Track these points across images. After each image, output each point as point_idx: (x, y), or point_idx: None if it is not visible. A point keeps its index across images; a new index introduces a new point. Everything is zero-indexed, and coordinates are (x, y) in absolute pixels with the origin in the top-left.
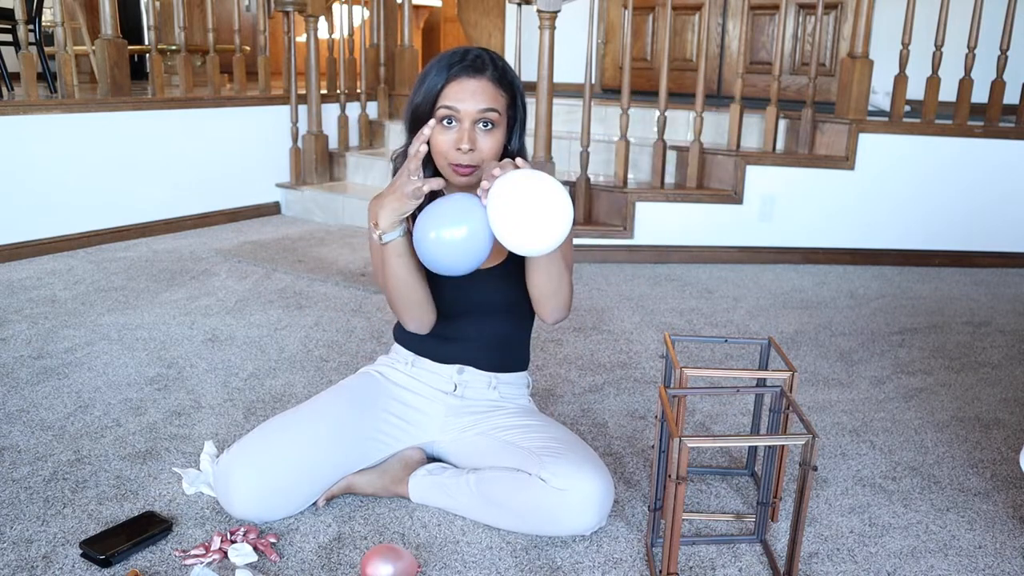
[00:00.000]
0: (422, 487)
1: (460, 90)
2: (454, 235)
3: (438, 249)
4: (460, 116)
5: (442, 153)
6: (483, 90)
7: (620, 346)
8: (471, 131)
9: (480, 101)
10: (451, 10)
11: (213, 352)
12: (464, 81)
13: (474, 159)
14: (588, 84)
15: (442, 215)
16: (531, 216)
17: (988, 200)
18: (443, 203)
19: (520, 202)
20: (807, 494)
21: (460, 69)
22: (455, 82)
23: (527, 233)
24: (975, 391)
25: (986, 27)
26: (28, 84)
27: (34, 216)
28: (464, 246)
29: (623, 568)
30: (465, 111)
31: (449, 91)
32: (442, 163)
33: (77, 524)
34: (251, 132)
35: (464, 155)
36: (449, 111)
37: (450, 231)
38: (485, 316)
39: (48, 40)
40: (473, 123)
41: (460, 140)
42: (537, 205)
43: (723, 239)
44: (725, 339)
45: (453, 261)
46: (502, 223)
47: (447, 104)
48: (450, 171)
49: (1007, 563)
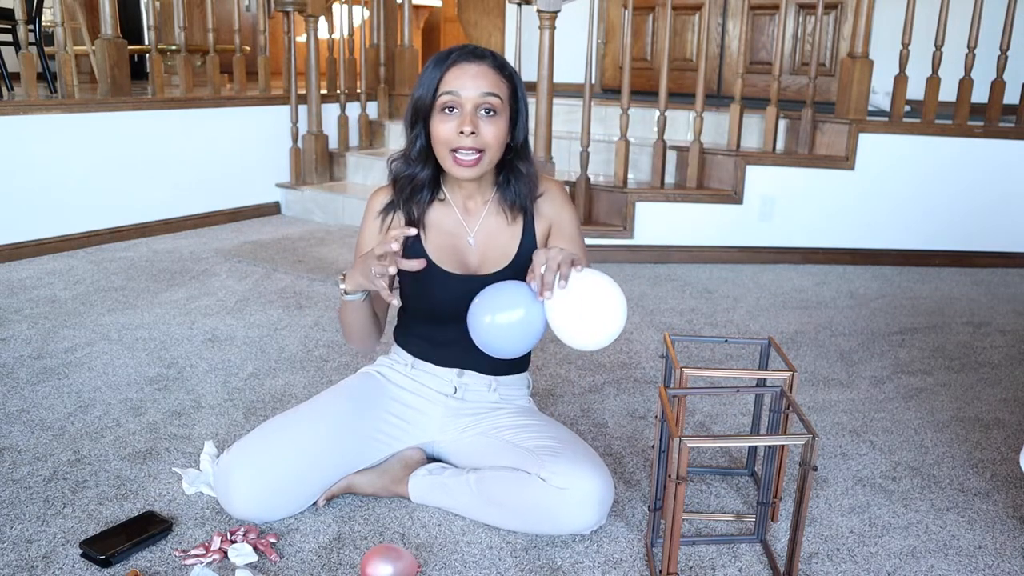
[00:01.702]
0: (422, 487)
1: (461, 74)
2: (510, 318)
3: (493, 332)
4: (462, 101)
5: (444, 141)
6: (484, 74)
7: (620, 346)
8: (473, 115)
9: (481, 85)
10: (451, 10)
11: (213, 352)
12: (464, 66)
13: (477, 143)
14: (588, 84)
15: (497, 301)
16: (595, 324)
17: (988, 200)
18: (498, 290)
19: (585, 312)
20: (807, 494)
21: (460, 55)
22: (455, 67)
23: (590, 337)
24: (975, 391)
25: (986, 27)
26: (28, 84)
27: (34, 216)
28: (518, 330)
29: (623, 568)
30: (467, 96)
31: (449, 77)
32: (444, 153)
33: (77, 524)
34: (251, 132)
35: (467, 138)
36: (451, 97)
37: (505, 315)
38: None
39: (48, 40)
40: (475, 107)
41: (462, 123)
42: (601, 315)
43: (723, 239)
44: (725, 339)
45: (505, 345)
46: (566, 329)
47: (448, 90)
48: (452, 162)
49: (1007, 563)
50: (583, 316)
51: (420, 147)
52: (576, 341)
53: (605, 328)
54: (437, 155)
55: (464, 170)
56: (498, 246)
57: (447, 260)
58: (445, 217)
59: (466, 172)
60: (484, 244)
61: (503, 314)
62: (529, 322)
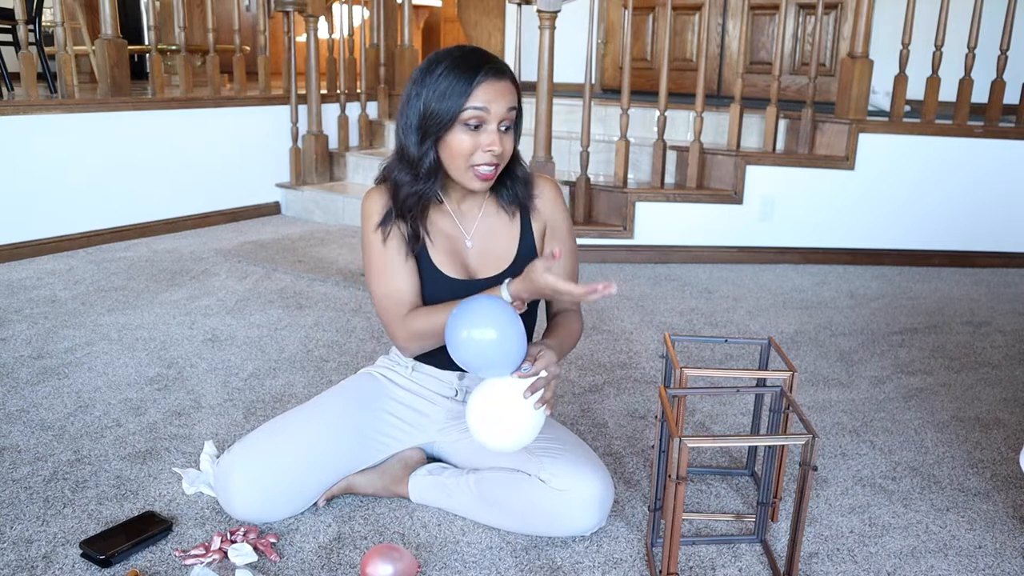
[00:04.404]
0: (422, 487)
1: (491, 91)
2: (485, 336)
3: (470, 348)
4: (490, 118)
5: (464, 156)
6: (509, 91)
7: (620, 346)
8: (498, 132)
9: (508, 102)
10: (451, 10)
11: (213, 352)
12: (494, 83)
13: (499, 159)
14: (588, 84)
15: (474, 315)
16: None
17: (988, 200)
18: (474, 304)
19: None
20: (807, 494)
21: (489, 72)
22: (486, 84)
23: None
24: (975, 391)
25: (986, 27)
26: (28, 84)
27: (34, 216)
28: (497, 347)
29: (623, 568)
30: (496, 112)
31: (480, 93)
32: (460, 166)
33: (77, 524)
34: (251, 132)
35: (491, 155)
36: (481, 113)
37: (481, 332)
38: None
39: (48, 40)
40: (499, 124)
41: (492, 143)
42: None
43: (723, 239)
44: (725, 339)
45: (486, 362)
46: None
47: (478, 106)
48: (470, 176)
49: (1007, 563)
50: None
51: (430, 163)
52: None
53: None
54: (449, 167)
55: (484, 183)
56: (497, 248)
57: (446, 264)
58: (442, 220)
59: (485, 185)
60: (482, 246)
61: (478, 330)
62: (504, 336)
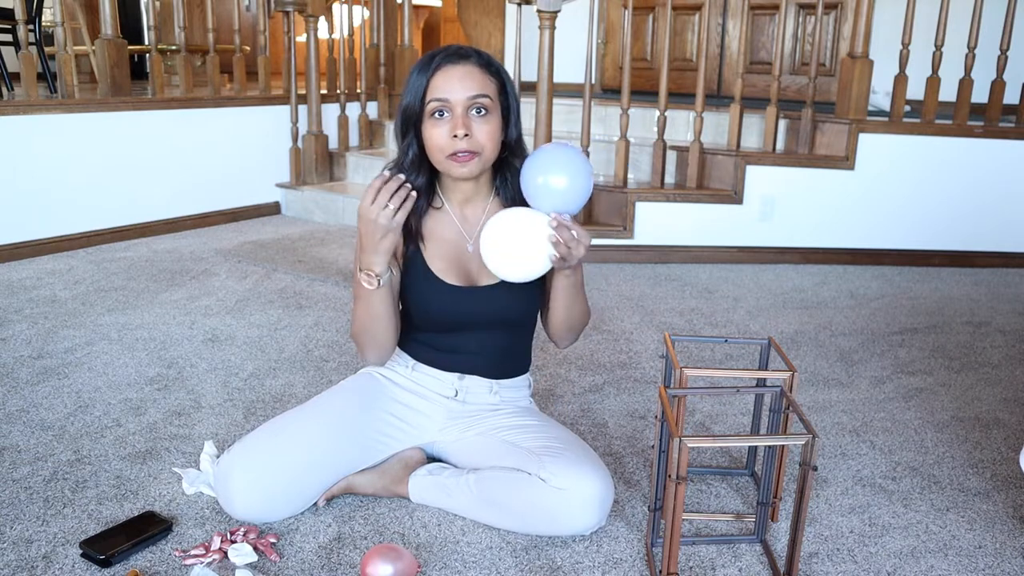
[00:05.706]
0: (422, 487)
1: (447, 78)
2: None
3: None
4: (451, 105)
5: (438, 147)
6: (470, 75)
7: (620, 346)
8: (464, 117)
9: (469, 88)
10: (451, 10)
11: (213, 352)
12: (449, 69)
13: (472, 145)
14: (588, 84)
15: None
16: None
17: (988, 200)
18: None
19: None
20: (807, 494)
21: (443, 59)
22: (440, 72)
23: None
24: (975, 391)
25: (986, 27)
26: (28, 84)
27: (34, 216)
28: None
29: (623, 568)
30: (456, 99)
31: (436, 82)
32: (440, 158)
33: (77, 524)
34: (251, 132)
35: (461, 141)
36: (440, 102)
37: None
38: (487, 330)
39: (48, 40)
40: (465, 110)
41: (454, 128)
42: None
43: (723, 239)
44: (725, 339)
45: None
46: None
47: (436, 96)
48: (450, 164)
49: (1007, 563)
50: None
51: (413, 155)
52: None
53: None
54: (432, 160)
55: (463, 167)
56: None
57: (447, 270)
58: (443, 225)
59: (465, 169)
60: None
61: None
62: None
